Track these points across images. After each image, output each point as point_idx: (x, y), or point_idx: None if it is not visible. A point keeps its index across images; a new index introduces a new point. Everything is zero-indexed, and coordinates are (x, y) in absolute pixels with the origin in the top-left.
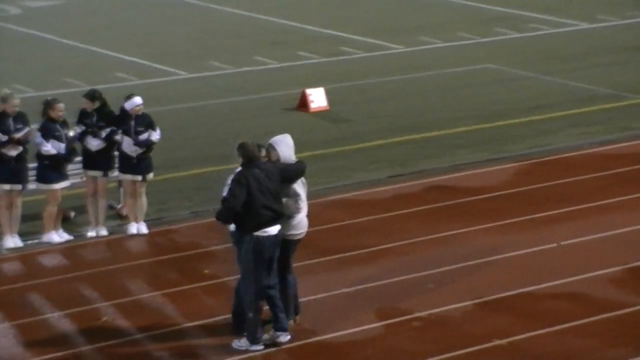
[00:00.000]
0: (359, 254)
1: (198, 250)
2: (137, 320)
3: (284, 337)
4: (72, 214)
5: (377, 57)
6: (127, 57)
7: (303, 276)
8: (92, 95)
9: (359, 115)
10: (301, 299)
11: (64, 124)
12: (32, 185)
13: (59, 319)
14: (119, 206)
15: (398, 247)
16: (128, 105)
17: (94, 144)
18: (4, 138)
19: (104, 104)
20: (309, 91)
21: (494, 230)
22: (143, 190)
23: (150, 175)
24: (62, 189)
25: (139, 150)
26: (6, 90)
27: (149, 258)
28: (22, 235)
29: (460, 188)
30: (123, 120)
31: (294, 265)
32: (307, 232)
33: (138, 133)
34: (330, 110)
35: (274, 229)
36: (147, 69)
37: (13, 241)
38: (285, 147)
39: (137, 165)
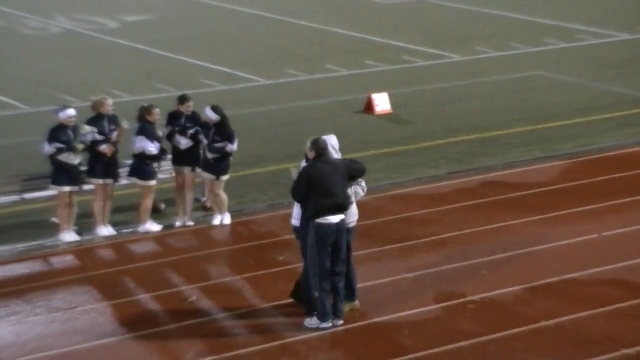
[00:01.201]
0: (419, 243)
1: (274, 239)
2: (220, 301)
3: (338, 322)
4: (162, 206)
5: (437, 65)
6: (212, 66)
7: (368, 263)
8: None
9: (420, 118)
10: (367, 284)
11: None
12: (124, 181)
13: (149, 300)
14: (204, 199)
15: (455, 237)
16: (204, 112)
17: (183, 142)
18: (101, 138)
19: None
20: (374, 96)
21: (542, 222)
22: (220, 189)
23: (224, 177)
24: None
25: (214, 155)
26: (101, 96)
27: (230, 246)
28: (114, 225)
29: (513, 184)
30: (206, 125)
31: (358, 253)
32: (373, 223)
33: (215, 141)
34: (394, 113)
35: (335, 218)
36: (230, 76)
37: (107, 230)
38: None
39: (213, 166)
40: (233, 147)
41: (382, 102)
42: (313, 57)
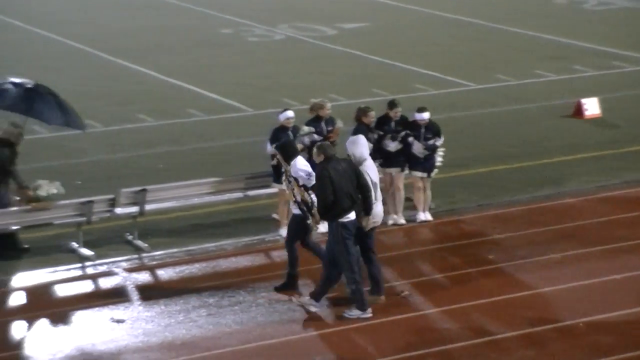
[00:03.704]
0: (627, 245)
1: (483, 238)
2: (430, 297)
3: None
4: None
5: None
6: (424, 71)
7: (575, 264)
8: (397, 104)
9: (630, 122)
10: (572, 284)
11: None
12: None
13: None
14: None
15: None
16: (418, 115)
17: (391, 145)
18: (319, 138)
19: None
20: (583, 100)
21: None
22: (428, 185)
23: (435, 172)
24: None
25: (427, 153)
26: (317, 99)
27: (439, 244)
28: None
29: None
30: (414, 127)
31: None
32: (579, 225)
33: (427, 139)
34: (603, 117)
35: (353, 214)
36: (441, 81)
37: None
38: (355, 146)
39: (423, 164)
40: (441, 140)
41: (591, 107)
42: (522, 62)
